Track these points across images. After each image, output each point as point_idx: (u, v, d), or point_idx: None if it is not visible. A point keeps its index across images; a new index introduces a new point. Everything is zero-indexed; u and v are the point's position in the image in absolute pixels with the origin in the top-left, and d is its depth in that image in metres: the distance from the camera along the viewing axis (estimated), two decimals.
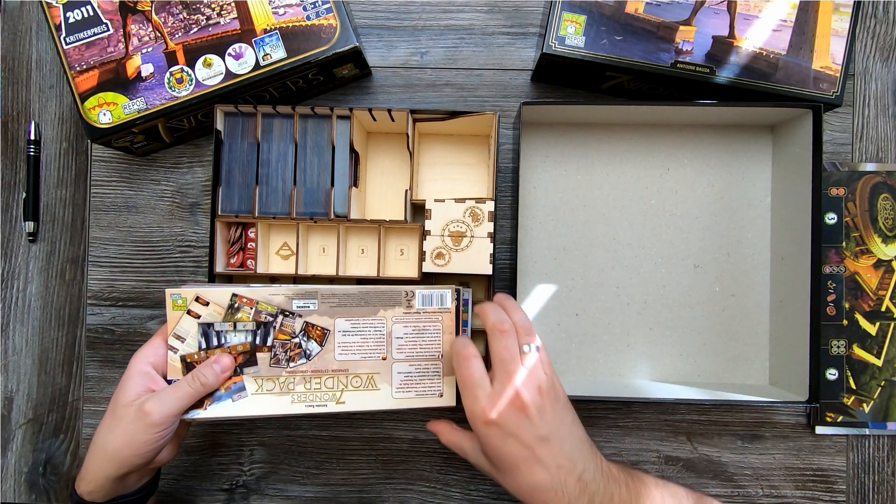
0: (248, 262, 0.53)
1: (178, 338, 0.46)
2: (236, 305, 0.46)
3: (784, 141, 0.55)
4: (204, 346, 0.45)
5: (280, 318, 0.46)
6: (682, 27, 0.51)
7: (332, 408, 0.46)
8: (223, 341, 0.46)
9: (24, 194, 0.57)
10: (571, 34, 0.51)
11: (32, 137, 0.57)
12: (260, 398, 0.46)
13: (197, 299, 0.45)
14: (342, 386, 0.47)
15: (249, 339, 0.46)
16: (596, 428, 0.57)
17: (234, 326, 0.46)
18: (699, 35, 0.51)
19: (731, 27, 0.51)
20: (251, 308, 0.46)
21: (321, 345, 0.47)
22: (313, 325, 0.47)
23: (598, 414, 0.57)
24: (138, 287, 0.58)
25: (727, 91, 0.52)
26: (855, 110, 0.57)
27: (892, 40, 0.58)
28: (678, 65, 0.51)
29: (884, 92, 0.57)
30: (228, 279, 0.53)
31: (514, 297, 0.52)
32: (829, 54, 0.52)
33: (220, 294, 0.46)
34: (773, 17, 0.51)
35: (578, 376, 0.56)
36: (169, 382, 0.45)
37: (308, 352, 0.47)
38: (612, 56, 0.51)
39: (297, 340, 0.46)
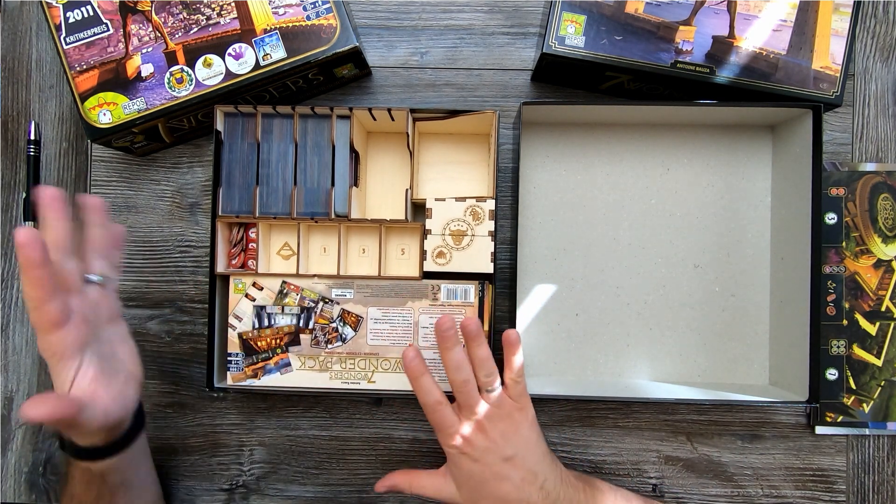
0: (249, 262, 0.53)
1: (237, 317, 0.51)
2: (285, 291, 0.51)
3: (784, 141, 0.55)
4: (257, 325, 0.51)
5: (321, 304, 0.51)
6: (682, 27, 0.51)
7: (364, 386, 0.52)
8: (272, 322, 0.51)
9: (24, 194, 0.57)
10: (571, 34, 0.51)
11: (32, 137, 0.57)
12: (303, 373, 0.52)
13: (253, 284, 0.51)
14: (373, 368, 0.52)
15: (294, 321, 0.51)
16: (595, 428, 0.57)
17: (283, 310, 0.51)
18: (699, 35, 0.51)
19: (731, 27, 0.51)
20: (297, 294, 0.51)
21: (355, 330, 0.51)
22: (349, 312, 0.51)
23: (597, 414, 0.57)
24: (138, 287, 0.58)
25: (727, 91, 0.52)
26: (855, 110, 0.57)
27: (892, 40, 0.58)
28: (678, 65, 0.51)
29: (884, 92, 0.57)
30: (228, 280, 0.53)
31: (515, 297, 0.52)
32: (829, 54, 0.52)
33: (272, 280, 0.51)
34: (773, 17, 0.51)
35: (578, 376, 0.56)
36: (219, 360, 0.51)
37: (344, 335, 0.51)
38: (612, 56, 0.51)
39: (334, 325, 0.51)
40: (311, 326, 0.51)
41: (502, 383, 0.47)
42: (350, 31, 0.51)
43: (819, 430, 0.56)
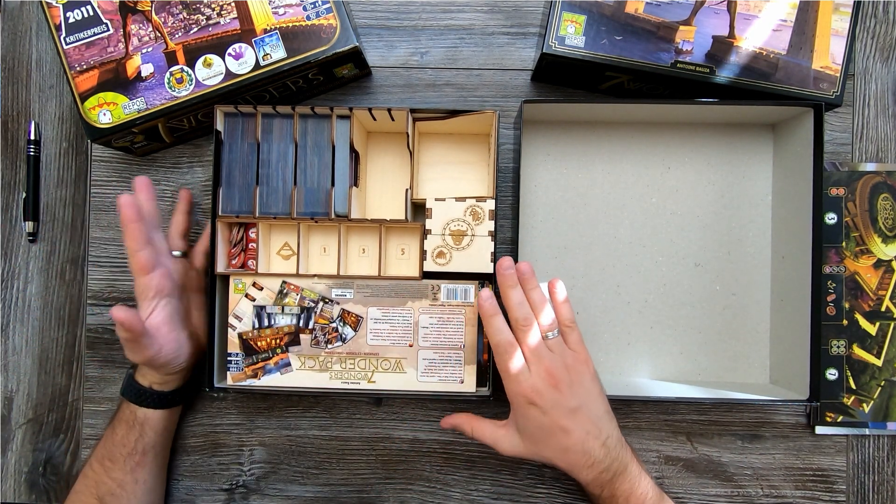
0: (249, 262, 0.53)
1: (237, 317, 0.51)
2: (285, 291, 0.51)
3: (785, 140, 0.55)
4: (257, 325, 0.51)
5: (321, 304, 0.51)
6: (682, 27, 0.51)
7: (364, 386, 0.52)
8: (272, 322, 0.51)
9: (24, 194, 0.57)
10: (571, 34, 0.51)
11: (32, 137, 0.57)
12: (303, 373, 0.52)
13: (253, 284, 0.51)
14: (373, 368, 0.52)
15: (294, 321, 0.51)
16: None
17: (283, 310, 0.51)
18: (699, 35, 0.51)
19: (731, 27, 0.51)
20: (297, 294, 0.51)
21: (355, 330, 0.51)
22: (349, 312, 0.51)
23: None
24: None
25: (727, 91, 0.52)
26: (855, 110, 0.57)
27: (892, 40, 0.58)
28: (678, 65, 0.51)
29: (884, 92, 0.58)
30: (228, 279, 0.53)
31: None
32: (829, 54, 0.52)
33: (272, 280, 0.51)
34: (773, 16, 0.51)
35: None
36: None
37: (344, 335, 0.51)
38: (612, 56, 0.51)
39: (334, 325, 0.51)
40: (311, 326, 0.51)
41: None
42: (350, 31, 0.51)
43: (819, 429, 0.56)
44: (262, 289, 0.52)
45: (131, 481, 0.51)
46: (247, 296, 0.51)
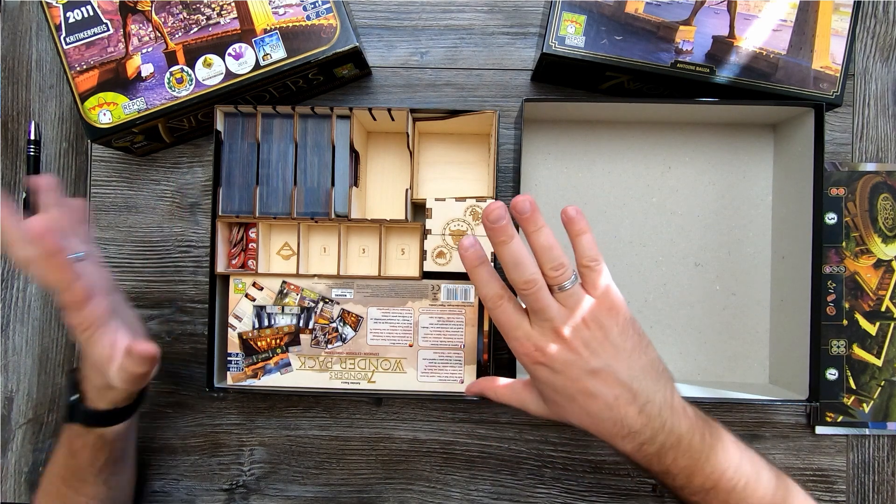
0: (249, 262, 0.53)
1: (237, 317, 0.52)
2: (285, 291, 0.51)
3: (786, 140, 0.55)
4: (257, 325, 0.51)
5: (321, 304, 0.51)
6: (682, 27, 0.51)
7: (364, 386, 0.51)
8: (272, 322, 0.51)
9: (24, 194, 0.57)
10: (571, 34, 0.51)
11: (32, 137, 0.57)
12: (303, 373, 0.52)
13: (253, 284, 0.51)
14: (373, 368, 0.52)
15: (294, 321, 0.51)
16: None
17: (283, 310, 0.51)
18: (699, 35, 0.51)
19: (731, 27, 0.51)
20: (297, 294, 0.51)
21: (355, 330, 0.51)
22: (349, 312, 0.52)
23: None
24: (138, 287, 0.58)
25: (727, 91, 0.52)
26: (855, 110, 0.57)
27: (892, 40, 0.58)
28: (678, 65, 0.51)
29: (884, 92, 0.58)
30: (228, 279, 0.53)
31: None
32: (829, 54, 0.52)
33: (272, 280, 0.51)
34: (773, 16, 0.51)
35: None
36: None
37: (344, 336, 0.51)
38: (612, 56, 0.51)
39: (334, 325, 0.52)
40: (311, 326, 0.51)
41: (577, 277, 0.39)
42: (350, 31, 0.51)
43: (819, 430, 0.56)
44: (262, 289, 0.52)
45: (105, 490, 0.48)
46: (247, 296, 0.51)
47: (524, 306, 0.40)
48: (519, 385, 0.43)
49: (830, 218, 0.56)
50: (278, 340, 0.51)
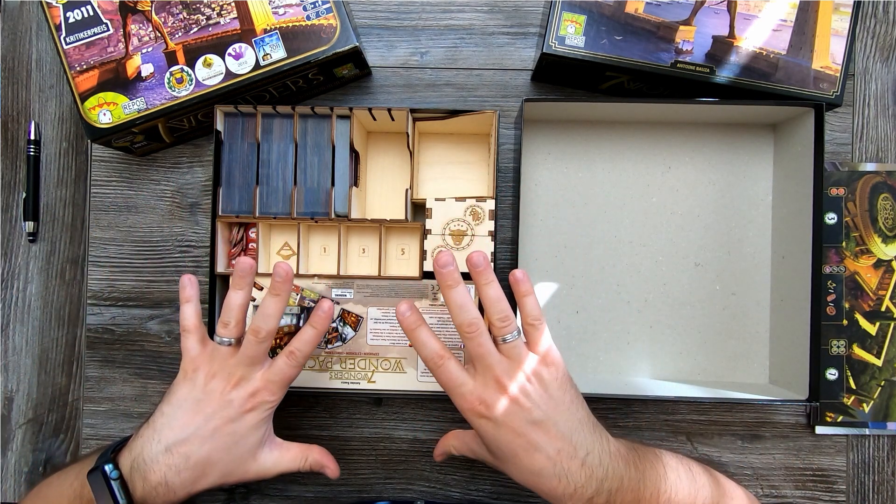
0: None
1: None
2: None
3: (786, 140, 0.55)
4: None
5: None
6: (682, 27, 0.51)
7: (364, 386, 0.51)
8: None
9: (24, 194, 0.57)
10: (571, 34, 0.51)
11: (32, 137, 0.57)
12: (303, 373, 0.51)
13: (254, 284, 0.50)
14: (373, 367, 0.52)
15: (294, 321, 0.51)
16: None
17: None
18: (699, 35, 0.51)
19: (731, 27, 0.51)
20: (297, 294, 0.51)
21: (355, 330, 0.51)
22: (349, 312, 0.52)
23: (597, 413, 0.56)
24: (138, 287, 0.58)
25: (727, 91, 0.52)
26: (855, 110, 0.57)
27: (892, 40, 0.58)
28: (678, 65, 0.51)
29: (884, 92, 0.58)
30: (228, 279, 0.53)
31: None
32: (829, 54, 0.52)
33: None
34: (773, 16, 0.51)
35: (578, 374, 0.56)
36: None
37: (344, 335, 0.51)
38: (612, 56, 0.51)
39: (334, 325, 0.51)
40: None
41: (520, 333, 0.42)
42: (350, 31, 0.51)
43: (819, 429, 0.56)
44: (262, 289, 0.52)
45: None
46: None
47: (464, 365, 0.42)
48: (469, 436, 0.45)
49: (830, 218, 0.56)
50: (278, 340, 0.51)
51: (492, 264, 0.41)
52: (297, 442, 0.48)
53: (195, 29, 0.51)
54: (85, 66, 0.51)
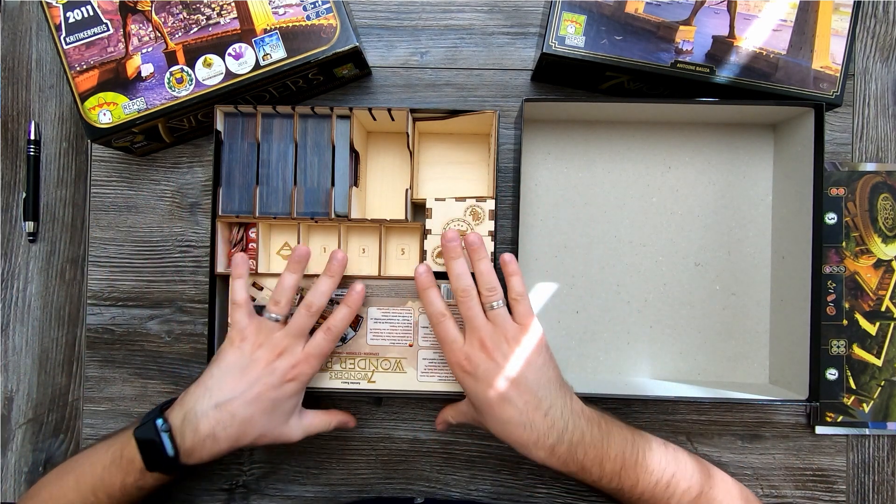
0: (250, 262, 0.53)
1: None
2: None
3: (786, 140, 0.55)
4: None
5: None
6: (682, 27, 0.51)
7: (364, 386, 0.52)
8: None
9: (24, 194, 0.57)
10: (571, 34, 0.51)
11: (32, 137, 0.57)
12: None
13: (254, 284, 0.52)
14: (373, 367, 0.52)
15: None
16: None
17: None
18: (699, 35, 0.51)
19: (731, 27, 0.51)
20: (297, 294, 0.50)
21: (355, 330, 0.51)
22: None
23: None
24: (138, 287, 0.58)
25: (727, 91, 0.52)
26: (855, 110, 0.57)
27: (892, 40, 0.58)
28: (678, 65, 0.51)
29: (884, 92, 0.58)
30: (228, 279, 0.53)
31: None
32: (829, 54, 0.52)
33: (272, 280, 0.52)
34: (773, 16, 0.51)
35: (578, 374, 0.56)
36: None
37: (344, 335, 0.51)
38: (612, 56, 0.51)
39: None
40: None
41: (506, 305, 0.47)
42: (350, 31, 0.51)
43: (819, 429, 0.56)
44: (262, 289, 0.52)
45: None
46: None
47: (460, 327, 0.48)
48: (463, 403, 0.50)
49: (830, 218, 0.56)
50: None
51: (486, 245, 0.48)
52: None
53: (195, 29, 0.51)
54: (85, 66, 0.51)
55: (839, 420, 0.56)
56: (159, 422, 0.45)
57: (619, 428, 0.46)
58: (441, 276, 0.51)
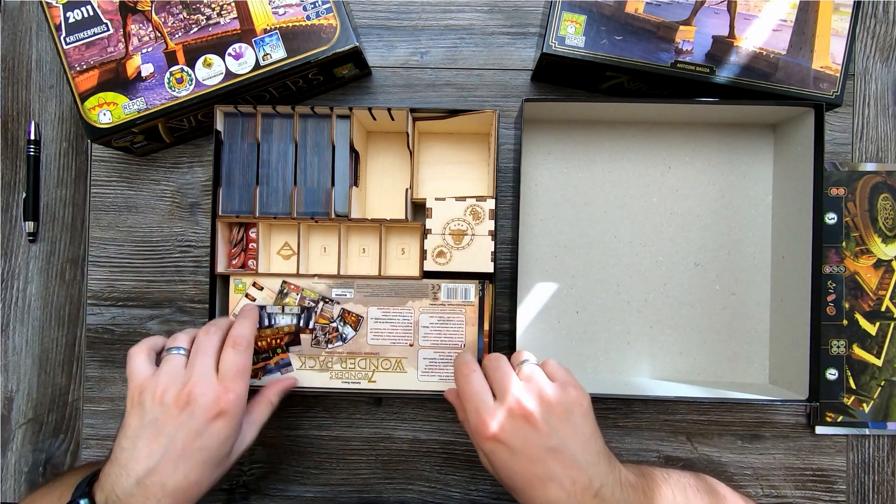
0: (250, 262, 0.53)
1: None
2: (285, 291, 0.51)
3: (786, 140, 0.55)
4: (257, 325, 0.51)
5: (321, 304, 0.51)
6: (682, 27, 0.51)
7: (365, 385, 0.51)
8: (273, 322, 0.51)
9: (24, 194, 0.57)
10: (571, 34, 0.51)
11: (32, 137, 0.57)
12: (303, 373, 0.51)
13: (253, 284, 0.51)
14: (374, 367, 0.51)
15: (294, 321, 0.51)
16: None
17: (283, 310, 0.51)
18: (699, 35, 0.51)
19: (731, 27, 0.51)
20: (297, 294, 0.51)
21: (356, 330, 0.51)
22: (349, 312, 0.52)
23: (597, 413, 0.56)
24: (138, 287, 0.58)
25: (727, 91, 0.52)
26: (855, 110, 0.57)
27: (892, 40, 0.58)
28: (678, 65, 0.51)
29: (884, 92, 0.58)
30: (228, 279, 0.53)
31: (515, 296, 0.52)
32: (829, 54, 0.52)
33: (272, 280, 0.51)
34: (773, 16, 0.51)
35: (578, 374, 0.55)
36: None
37: (344, 335, 0.51)
38: (612, 56, 0.51)
39: (334, 325, 0.51)
40: (311, 326, 0.51)
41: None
42: (350, 31, 0.51)
43: (819, 430, 0.56)
44: (262, 289, 0.52)
45: None
46: (247, 296, 0.51)
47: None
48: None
49: (830, 218, 0.56)
50: (278, 340, 0.51)
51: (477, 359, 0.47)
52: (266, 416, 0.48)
53: (195, 29, 0.51)
54: (85, 66, 0.51)
55: (839, 420, 0.56)
56: (83, 503, 0.38)
57: (658, 485, 0.42)
58: (441, 275, 0.51)
